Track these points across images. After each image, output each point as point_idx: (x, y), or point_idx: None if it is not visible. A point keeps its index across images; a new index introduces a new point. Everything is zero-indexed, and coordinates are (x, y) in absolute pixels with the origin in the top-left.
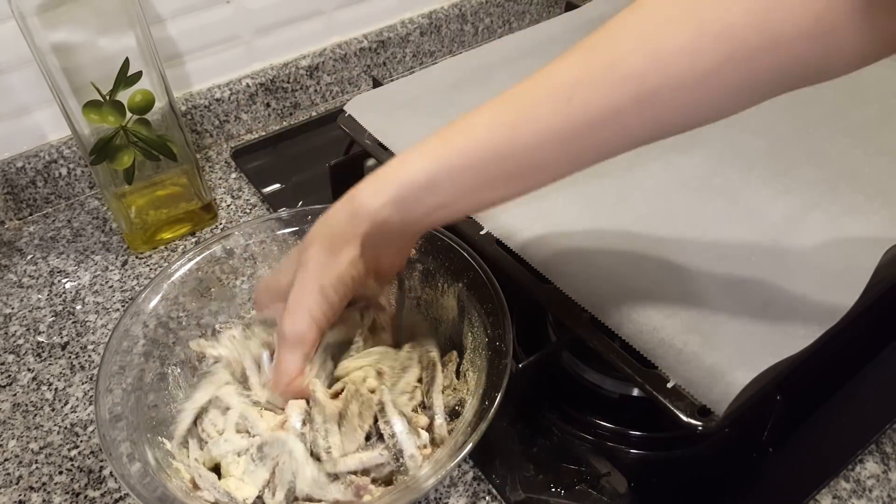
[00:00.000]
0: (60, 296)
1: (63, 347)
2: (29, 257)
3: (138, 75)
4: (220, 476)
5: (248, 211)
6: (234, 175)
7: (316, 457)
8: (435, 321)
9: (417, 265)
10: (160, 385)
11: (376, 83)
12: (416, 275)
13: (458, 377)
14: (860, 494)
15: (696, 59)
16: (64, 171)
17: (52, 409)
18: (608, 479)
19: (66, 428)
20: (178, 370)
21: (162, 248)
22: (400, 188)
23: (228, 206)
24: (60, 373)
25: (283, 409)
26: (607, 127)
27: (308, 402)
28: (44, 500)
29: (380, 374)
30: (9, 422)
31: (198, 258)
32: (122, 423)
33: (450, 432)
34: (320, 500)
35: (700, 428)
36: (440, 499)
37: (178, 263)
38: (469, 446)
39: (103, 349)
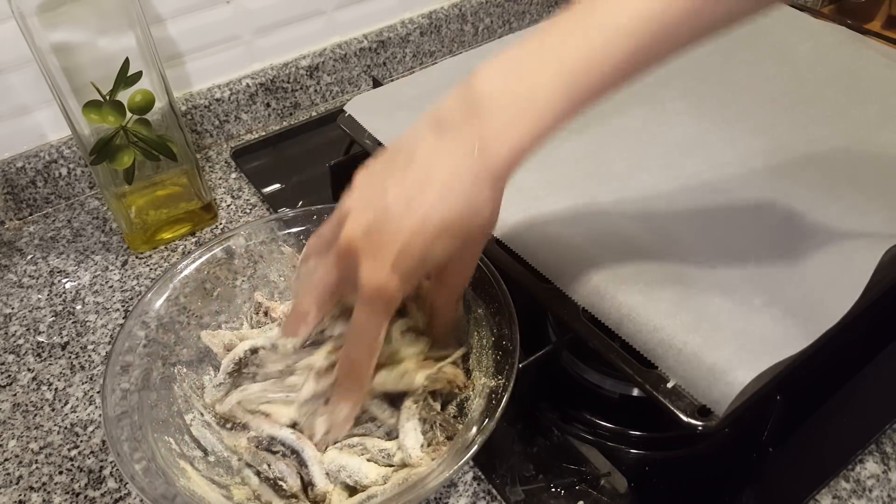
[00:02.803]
0: (60, 296)
1: (63, 347)
2: (29, 257)
3: (138, 75)
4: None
5: (248, 211)
6: (234, 175)
7: None
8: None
9: None
10: (163, 385)
11: (376, 83)
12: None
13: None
14: (860, 494)
15: None
16: (64, 171)
17: (52, 409)
18: (608, 479)
19: (66, 428)
20: (183, 370)
21: (162, 248)
22: (537, 134)
23: (228, 206)
24: (60, 373)
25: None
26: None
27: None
28: (44, 500)
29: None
30: (9, 422)
31: (200, 259)
32: (126, 423)
33: (451, 438)
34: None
35: (700, 428)
36: (440, 499)
37: (182, 264)
38: (476, 447)
39: (109, 349)
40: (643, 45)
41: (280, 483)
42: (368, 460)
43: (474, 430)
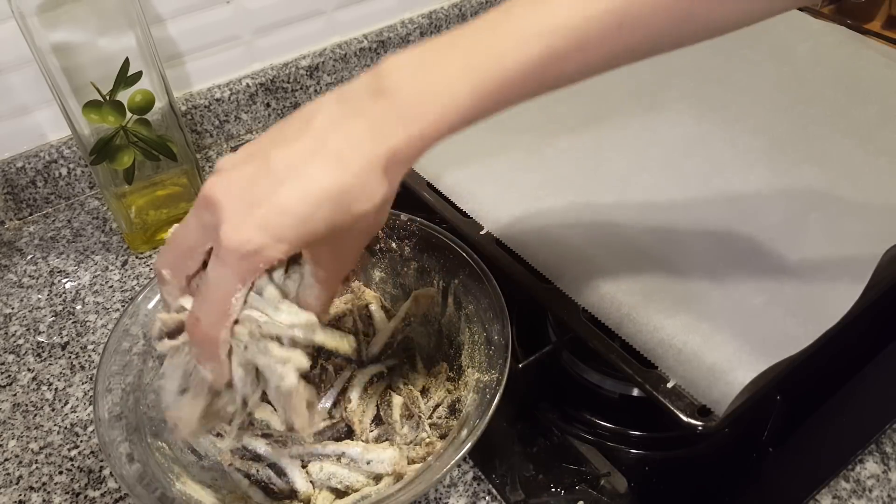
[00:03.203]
0: (60, 296)
1: (63, 347)
2: (29, 257)
3: (138, 75)
4: None
5: None
6: None
7: None
8: (431, 319)
9: (412, 263)
10: (159, 386)
11: None
12: (411, 273)
13: (456, 375)
14: (860, 494)
15: None
16: (64, 171)
17: (52, 409)
18: (608, 479)
19: (66, 428)
20: None
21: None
22: (439, 128)
23: None
24: (60, 373)
25: None
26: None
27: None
28: (44, 500)
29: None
30: (9, 422)
31: None
32: (122, 423)
33: (445, 435)
34: None
35: (700, 428)
36: (440, 499)
37: None
38: (471, 442)
39: (102, 349)
40: (553, 56)
41: (270, 486)
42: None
43: (469, 425)
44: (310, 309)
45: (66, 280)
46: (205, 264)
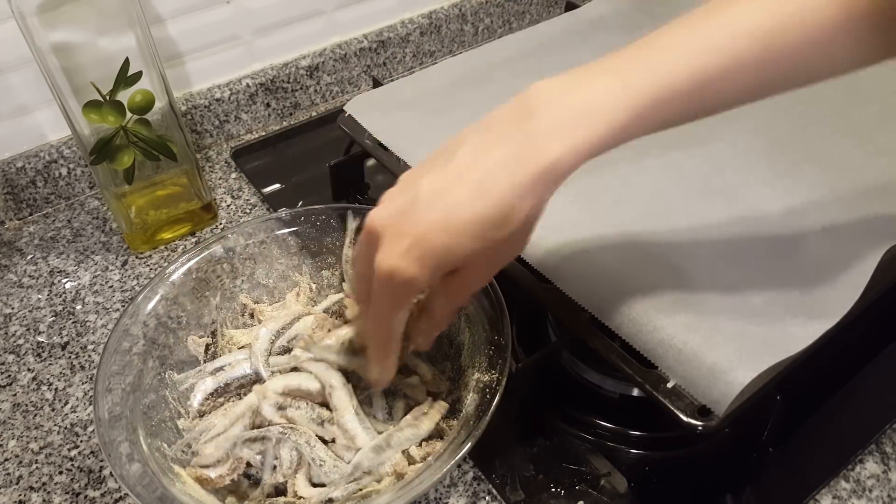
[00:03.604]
0: (60, 296)
1: (63, 347)
2: (29, 257)
3: (138, 75)
4: None
5: (248, 211)
6: (234, 175)
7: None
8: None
9: None
10: (159, 385)
11: (376, 83)
12: None
13: (456, 375)
14: (860, 494)
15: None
16: (64, 171)
17: (52, 409)
18: (608, 479)
19: (66, 428)
20: (175, 375)
21: (162, 248)
22: (591, 142)
23: (228, 206)
24: (60, 373)
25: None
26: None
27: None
28: (44, 500)
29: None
30: (9, 422)
31: (197, 258)
32: (122, 423)
33: (445, 435)
34: None
35: (700, 428)
36: (440, 499)
37: (178, 263)
38: (471, 442)
39: (102, 349)
40: (710, 74)
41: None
42: None
43: (469, 425)
44: (433, 317)
45: (66, 280)
46: None
